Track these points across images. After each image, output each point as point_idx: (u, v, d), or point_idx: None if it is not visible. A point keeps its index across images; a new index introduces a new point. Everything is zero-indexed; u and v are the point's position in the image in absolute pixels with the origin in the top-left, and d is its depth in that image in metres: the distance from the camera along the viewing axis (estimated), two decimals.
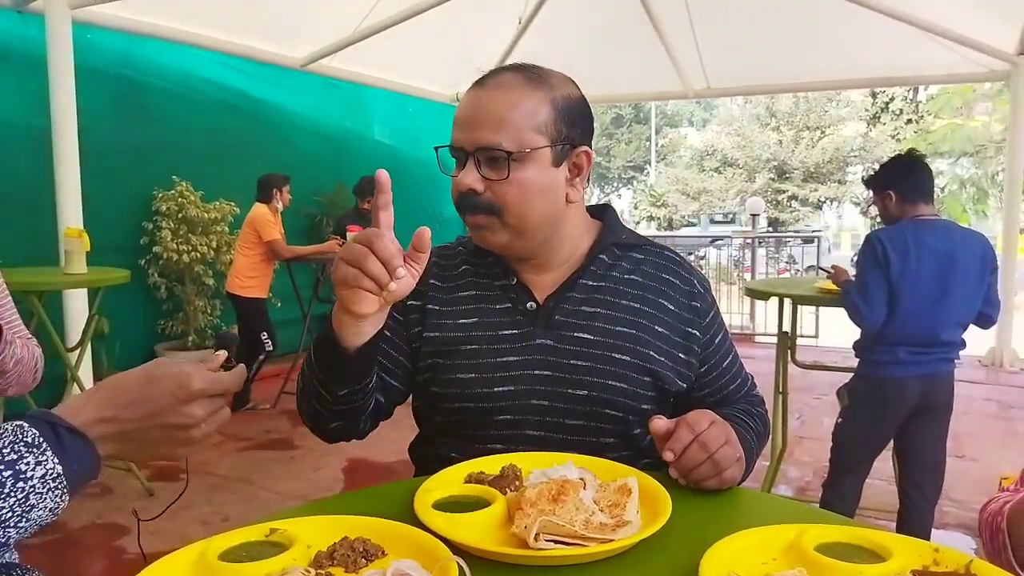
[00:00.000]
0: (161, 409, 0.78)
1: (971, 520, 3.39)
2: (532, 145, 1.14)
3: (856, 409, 2.77)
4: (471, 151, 1.14)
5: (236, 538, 0.84)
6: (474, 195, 1.15)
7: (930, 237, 2.56)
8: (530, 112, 1.14)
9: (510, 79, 1.17)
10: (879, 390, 2.68)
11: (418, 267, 0.99)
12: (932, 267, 2.53)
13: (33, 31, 4.38)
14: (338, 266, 0.95)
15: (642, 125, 29.59)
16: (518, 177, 1.14)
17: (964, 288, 2.56)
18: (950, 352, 2.64)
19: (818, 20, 6.12)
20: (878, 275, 2.57)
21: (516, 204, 1.15)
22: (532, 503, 0.88)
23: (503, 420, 1.18)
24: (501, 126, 1.12)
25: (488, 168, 1.14)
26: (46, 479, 0.70)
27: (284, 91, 6.70)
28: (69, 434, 0.73)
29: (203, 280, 5.69)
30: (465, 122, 1.16)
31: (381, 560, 0.81)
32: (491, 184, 1.14)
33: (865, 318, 2.61)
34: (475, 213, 1.16)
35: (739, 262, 10.65)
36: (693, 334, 1.24)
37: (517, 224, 1.16)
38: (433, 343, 1.22)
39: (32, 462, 0.70)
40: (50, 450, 0.71)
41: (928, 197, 2.66)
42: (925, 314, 2.55)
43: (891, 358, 2.62)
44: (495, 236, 1.18)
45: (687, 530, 0.90)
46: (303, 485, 3.74)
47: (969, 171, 14.12)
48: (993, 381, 6.19)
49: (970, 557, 0.77)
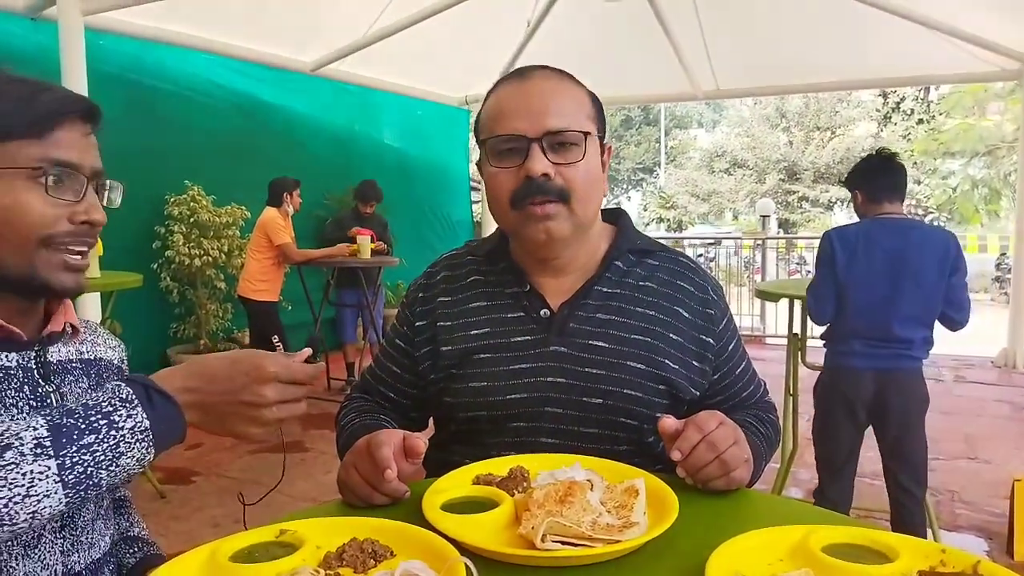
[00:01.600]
0: (238, 387, 0.87)
1: (983, 522, 3.37)
2: (590, 131, 1.17)
3: (822, 403, 2.83)
4: (536, 137, 1.13)
5: (246, 539, 0.85)
6: (546, 180, 1.13)
7: (882, 235, 2.61)
8: (582, 101, 1.18)
9: (552, 73, 1.19)
10: (839, 382, 2.75)
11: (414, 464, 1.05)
12: (881, 265, 2.59)
13: (46, 38, 4.41)
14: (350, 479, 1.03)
15: (651, 127, 29.53)
16: (586, 160, 1.15)
17: (918, 286, 2.57)
18: (909, 349, 2.64)
19: (827, 20, 6.09)
20: (826, 273, 2.69)
21: (584, 188, 1.15)
22: (539, 504, 0.88)
23: (517, 427, 1.19)
24: (567, 111, 1.15)
25: (556, 153, 1.14)
26: (135, 431, 0.81)
27: (294, 95, 6.74)
28: (159, 396, 0.83)
29: (215, 284, 5.73)
30: (524, 110, 1.15)
31: (389, 561, 0.82)
32: (560, 169, 1.14)
33: (813, 314, 2.78)
34: (546, 201, 1.14)
35: (749, 263, 10.62)
36: (707, 341, 1.24)
37: (581, 212, 1.16)
38: (447, 357, 1.23)
39: (124, 415, 0.80)
40: (140, 407, 0.81)
41: (893, 196, 2.69)
42: (876, 310, 2.61)
43: (847, 349, 2.70)
44: (561, 226, 1.16)
45: (694, 531, 0.90)
46: (314, 487, 3.75)
47: (981, 171, 14.01)
48: (1006, 382, 6.14)
49: (977, 558, 0.77)
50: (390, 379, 1.34)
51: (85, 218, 0.93)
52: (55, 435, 0.76)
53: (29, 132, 0.89)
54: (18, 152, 0.89)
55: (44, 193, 0.90)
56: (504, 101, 1.17)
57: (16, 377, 0.94)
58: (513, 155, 1.15)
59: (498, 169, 1.17)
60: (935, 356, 2.83)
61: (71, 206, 0.92)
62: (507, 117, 1.15)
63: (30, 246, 0.90)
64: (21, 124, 0.89)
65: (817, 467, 2.88)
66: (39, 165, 0.89)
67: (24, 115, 0.89)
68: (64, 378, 1.01)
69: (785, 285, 4.38)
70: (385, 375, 1.35)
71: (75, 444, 0.77)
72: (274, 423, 0.89)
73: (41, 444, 0.75)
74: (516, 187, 1.15)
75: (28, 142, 0.89)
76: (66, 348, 1.03)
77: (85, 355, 1.07)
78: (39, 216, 0.90)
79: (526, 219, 1.16)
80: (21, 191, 0.89)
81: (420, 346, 1.27)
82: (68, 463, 0.76)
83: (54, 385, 0.98)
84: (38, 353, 0.98)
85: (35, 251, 0.90)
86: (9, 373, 0.93)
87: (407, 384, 1.32)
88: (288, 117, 6.73)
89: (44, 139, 0.90)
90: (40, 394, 0.96)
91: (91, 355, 1.08)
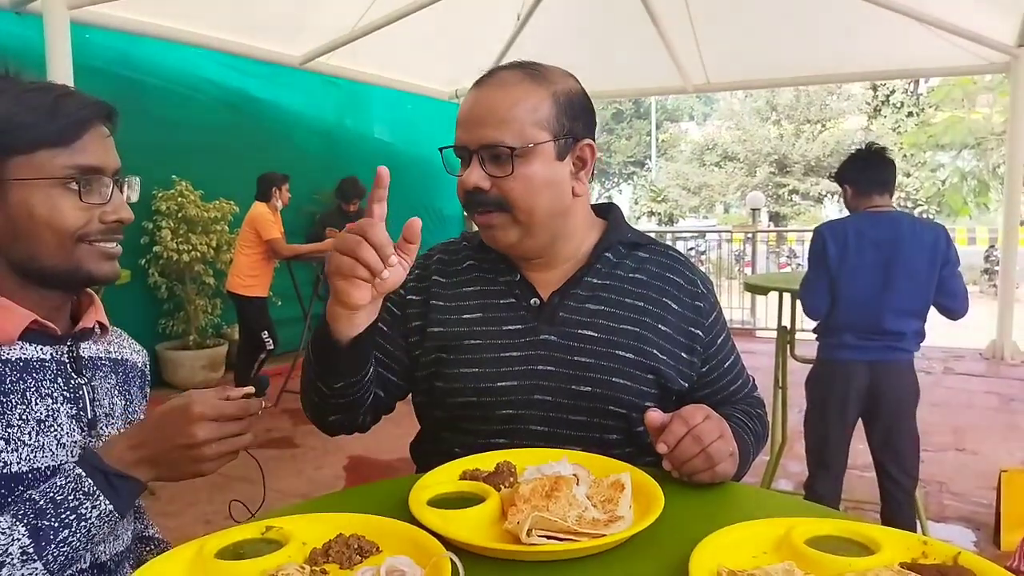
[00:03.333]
0: (173, 433, 0.93)
1: (971, 513, 3.40)
2: (535, 140, 1.15)
3: (814, 396, 2.85)
4: (474, 149, 1.15)
5: (232, 536, 0.85)
6: (481, 193, 1.15)
7: (872, 228, 2.63)
8: (531, 108, 1.15)
9: (510, 76, 1.18)
10: (830, 375, 2.76)
11: (409, 258, 1.03)
12: (873, 257, 2.61)
13: (31, 32, 4.38)
14: (332, 256, 0.98)
15: (642, 120, 29.53)
16: (523, 172, 1.14)
17: (909, 278, 2.60)
18: (900, 341, 2.66)
19: (817, 13, 6.11)
20: (819, 267, 2.71)
21: (523, 199, 1.15)
22: (526, 499, 0.89)
23: (506, 415, 1.19)
24: (503, 123, 1.14)
25: (492, 165, 1.15)
26: (102, 516, 0.91)
27: (283, 89, 6.70)
28: (117, 478, 0.92)
29: (203, 279, 5.70)
30: (467, 121, 1.17)
31: (375, 557, 0.82)
32: (496, 181, 1.15)
33: (807, 308, 2.79)
34: (484, 211, 1.17)
35: (740, 257, 10.65)
36: (696, 334, 1.25)
37: (526, 220, 1.17)
38: (437, 338, 1.23)
39: (89, 506, 0.90)
40: (103, 495, 0.91)
41: (882, 189, 2.71)
42: (867, 303, 2.63)
43: (839, 342, 2.72)
44: (505, 234, 1.18)
45: (679, 525, 0.90)
46: (304, 483, 3.75)
47: (970, 164, 14.08)
48: (994, 374, 6.18)
49: (958, 549, 0.78)
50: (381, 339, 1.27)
51: (115, 217, 1.00)
52: (36, 541, 0.86)
53: (57, 141, 0.95)
54: (48, 161, 0.94)
55: (76, 199, 0.96)
56: (461, 109, 1.19)
57: (50, 369, 1.00)
58: (463, 163, 1.18)
59: (458, 176, 1.19)
60: (924, 348, 2.84)
61: (100, 207, 0.99)
62: (459, 126, 1.18)
63: (69, 244, 0.97)
64: (49, 134, 0.94)
65: (808, 460, 2.91)
66: (70, 173, 0.95)
67: (51, 125, 0.94)
68: (95, 373, 1.07)
69: (774, 278, 4.40)
70: None
71: (53, 543, 0.87)
72: (216, 459, 0.94)
73: (26, 551, 0.85)
74: (463, 195, 1.18)
75: (57, 151, 0.95)
76: (96, 346, 1.09)
77: (113, 354, 1.13)
78: (74, 219, 0.96)
79: (478, 225, 1.20)
80: (56, 198, 0.95)
81: (411, 318, 1.27)
82: (51, 558, 0.87)
83: (86, 378, 1.04)
84: (71, 348, 1.03)
85: (74, 248, 0.97)
86: (44, 365, 0.99)
87: (387, 339, 1.27)
88: (277, 111, 6.69)
89: (71, 147, 0.96)
90: (72, 386, 1.02)
91: (118, 355, 1.14)
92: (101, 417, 1.05)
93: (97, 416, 1.04)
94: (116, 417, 1.08)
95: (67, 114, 0.95)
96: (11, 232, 0.95)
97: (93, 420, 1.03)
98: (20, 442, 0.94)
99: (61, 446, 0.98)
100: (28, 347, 0.98)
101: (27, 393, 0.96)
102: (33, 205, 0.94)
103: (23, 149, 0.93)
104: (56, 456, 0.97)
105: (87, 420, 1.02)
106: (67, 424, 0.99)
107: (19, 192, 0.94)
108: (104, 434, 1.04)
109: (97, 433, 1.03)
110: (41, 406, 0.97)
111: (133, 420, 1.14)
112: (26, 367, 0.97)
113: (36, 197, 0.94)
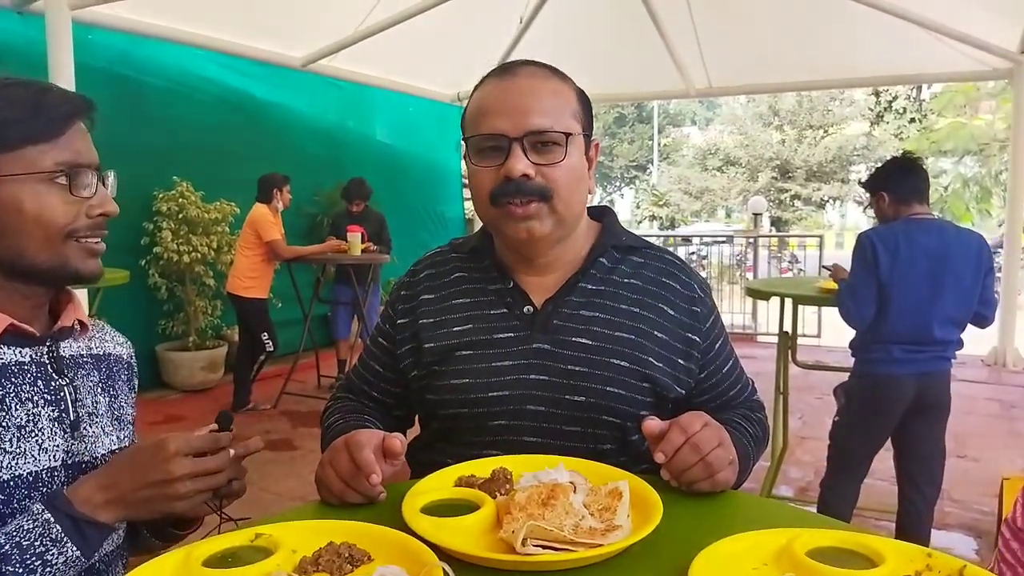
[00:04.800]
0: (146, 470, 0.91)
1: (973, 520, 3.38)
2: (574, 130, 1.14)
3: (852, 408, 2.78)
4: (517, 136, 1.11)
5: (220, 543, 0.83)
6: (526, 180, 1.12)
7: (922, 236, 2.57)
8: (567, 99, 1.16)
9: (538, 70, 1.17)
10: (874, 388, 2.69)
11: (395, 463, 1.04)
12: (924, 265, 2.55)
13: (33, 31, 4.38)
14: (320, 486, 1.03)
15: (645, 124, 29.56)
16: (569, 161, 1.14)
17: (958, 287, 2.56)
18: (946, 350, 2.64)
19: (820, 18, 6.10)
20: (867, 274, 2.60)
21: (566, 188, 1.14)
22: (521, 507, 0.87)
23: (498, 425, 1.17)
24: (550, 110, 1.13)
25: (538, 153, 1.12)
26: (68, 562, 0.89)
27: (284, 91, 6.70)
28: (86, 524, 0.90)
29: (204, 280, 5.70)
30: (506, 109, 1.13)
31: (367, 566, 0.81)
32: (542, 169, 1.12)
33: (852, 316, 2.66)
34: (526, 201, 1.13)
35: (742, 261, 10.63)
36: (693, 339, 1.23)
37: (564, 211, 1.15)
38: (429, 353, 1.21)
39: (56, 552, 0.88)
40: (70, 542, 0.89)
41: (922, 197, 2.67)
42: (918, 312, 2.57)
43: (886, 356, 2.63)
44: (543, 225, 1.15)
45: (678, 534, 0.89)
46: (303, 486, 3.73)
47: (973, 170, 14.06)
48: (996, 380, 6.16)
49: (963, 562, 0.76)
50: (373, 378, 1.33)
51: (101, 211, 1.00)
52: None
53: (44, 137, 0.95)
54: (37, 157, 0.94)
55: (63, 193, 0.96)
56: (488, 98, 1.16)
57: (30, 372, 0.99)
58: (495, 153, 1.14)
59: (480, 167, 1.15)
60: None
61: (87, 201, 0.99)
62: (490, 115, 1.14)
63: (57, 241, 0.97)
64: (35, 130, 0.94)
65: (830, 465, 2.86)
66: (57, 168, 0.96)
67: (36, 120, 0.94)
68: (76, 372, 1.05)
69: (776, 283, 4.38)
70: (368, 374, 1.34)
71: None
72: (192, 495, 0.93)
73: None
74: (497, 185, 1.13)
75: (44, 146, 0.95)
76: (77, 344, 1.08)
77: (95, 350, 1.11)
78: (63, 215, 0.96)
79: (507, 217, 1.14)
80: (44, 194, 0.95)
81: (402, 344, 1.26)
82: None
83: (67, 379, 1.03)
84: (50, 348, 1.02)
85: (63, 244, 0.97)
86: (23, 368, 0.98)
87: (389, 383, 1.31)
88: (278, 113, 6.70)
89: (56, 142, 0.96)
90: (54, 387, 1.00)
91: (100, 350, 1.13)
92: (84, 417, 1.03)
93: (80, 417, 1.03)
94: (100, 415, 1.07)
95: (51, 109, 0.95)
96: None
97: (76, 421, 1.02)
98: (1, 450, 0.93)
99: (43, 451, 0.97)
100: (6, 350, 0.97)
101: (6, 399, 0.95)
102: (22, 201, 0.94)
103: (10, 145, 0.93)
104: (39, 461, 0.96)
105: (70, 422, 1.01)
106: (49, 428, 0.98)
107: (7, 188, 0.93)
108: (88, 434, 1.03)
109: (80, 434, 1.02)
110: (22, 411, 0.96)
111: (120, 416, 1.12)
112: (4, 371, 0.96)
113: (25, 193, 0.94)
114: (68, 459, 1.00)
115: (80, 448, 1.01)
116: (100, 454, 1.04)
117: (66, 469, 0.99)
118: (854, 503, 2.83)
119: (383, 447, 1.01)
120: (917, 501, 2.73)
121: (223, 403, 5.16)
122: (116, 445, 1.08)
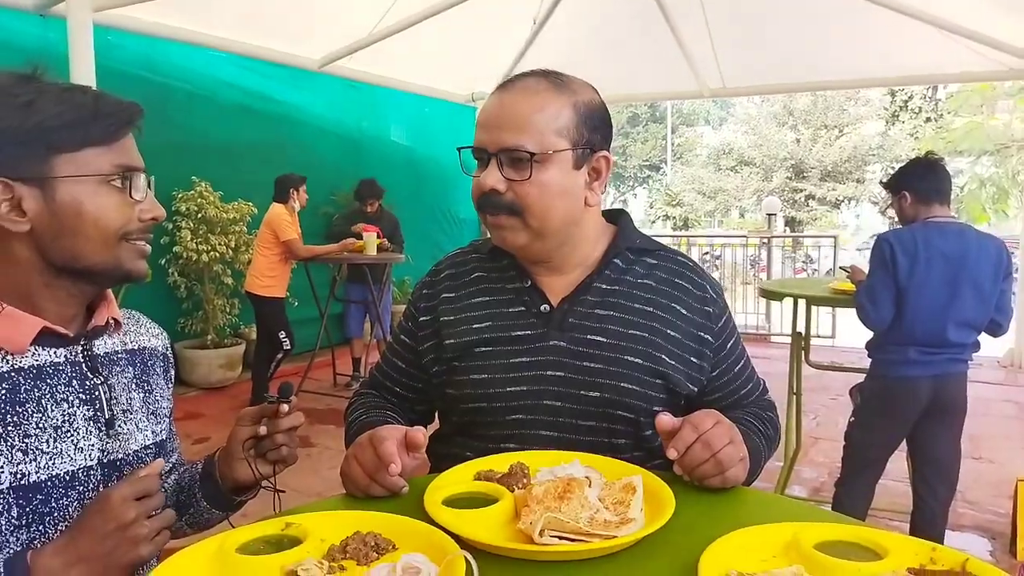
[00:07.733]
0: (102, 521, 0.89)
1: (987, 522, 3.38)
2: (554, 147, 1.16)
3: (868, 409, 2.79)
4: (494, 152, 1.17)
5: (253, 532, 0.87)
6: (496, 195, 1.17)
7: (941, 239, 2.57)
8: (553, 115, 1.17)
9: (534, 83, 1.19)
10: (891, 390, 2.70)
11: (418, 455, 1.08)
12: (941, 269, 2.55)
13: (55, 34, 4.44)
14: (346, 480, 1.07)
15: (658, 124, 29.46)
16: (540, 178, 1.16)
17: (975, 290, 2.56)
18: (962, 353, 2.64)
19: (834, 18, 6.07)
20: (885, 276, 2.61)
21: (537, 205, 1.17)
22: (539, 500, 0.90)
23: (516, 420, 1.21)
24: (525, 128, 1.15)
25: (510, 169, 1.16)
26: None
27: (301, 92, 6.76)
28: None
29: (222, 279, 5.77)
30: (489, 123, 1.18)
31: (392, 554, 0.84)
32: (513, 185, 1.16)
33: (870, 318, 2.66)
34: (496, 213, 1.19)
35: (755, 261, 10.60)
36: (705, 339, 1.26)
37: (538, 225, 1.18)
38: (450, 350, 1.26)
39: None
40: None
41: (944, 199, 2.66)
42: (934, 315, 2.57)
43: (902, 358, 2.64)
44: (515, 236, 1.20)
45: (689, 527, 0.92)
46: (319, 482, 3.77)
47: (989, 170, 13.93)
48: (1012, 382, 6.13)
49: (966, 556, 0.79)
50: (396, 374, 1.38)
51: (151, 215, 1.04)
52: None
53: (102, 140, 0.97)
54: (95, 159, 0.97)
55: (119, 195, 0.99)
56: (483, 111, 1.21)
57: (65, 372, 1.00)
58: (480, 165, 1.20)
59: (472, 176, 1.22)
60: None
61: (138, 204, 1.02)
62: (479, 128, 1.20)
63: (112, 242, 0.99)
64: (95, 133, 0.97)
65: (844, 465, 2.88)
66: (114, 171, 0.99)
67: (95, 124, 0.97)
68: (111, 369, 1.07)
69: (789, 284, 4.39)
70: (391, 370, 1.39)
71: None
72: (153, 534, 0.91)
73: None
74: (479, 196, 1.20)
75: (102, 149, 0.98)
76: (111, 340, 1.10)
77: (129, 345, 1.14)
78: (118, 217, 0.99)
79: (488, 225, 1.23)
80: (103, 195, 0.98)
81: (423, 340, 1.31)
82: None
83: (102, 377, 1.04)
84: (84, 347, 1.04)
85: (116, 245, 1.00)
86: (58, 368, 1.00)
87: (412, 379, 1.36)
88: (295, 114, 6.75)
89: (113, 146, 0.99)
90: (88, 387, 1.02)
91: (135, 344, 1.15)
92: (119, 415, 1.06)
93: (115, 414, 1.05)
94: (135, 412, 1.09)
95: (109, 114, 0.98)
96: (54, 230, 0.96)
97: (111, 419, 1.04)
98: (38, 451, 0.95)
99: (79, 450, 0.99)
100: (40, 352, 0.99)
101: (43, 400, 0.97)
102: (82, 203, 0.96)
103: (71, 147, 0.95)
104: (75, 461, 0.98)
105: (104, 420, 1.03)
106: (84, 427, 1.00)
107: (67, 190, 0.95)
108: (123, 432, 1.06)
109: (115, 432, 1.04)
110: (57, 412, 0.98)
111: (155, 411, 1.15)
112: (39, 373, 0.97)
113: (85, 195, 0.96)
114: (104, 457, 1.02)
115: (115, 446, 1.04)
116: (134, 450, 1.07)
117: (102, 467, 1.01)
118: (869, 502, 2.84)
119: (406, 440, 1.05)
120: (931, 502, 2.73)
121: (241, 400, 5.22)
122: (151, 440, 1.11)
